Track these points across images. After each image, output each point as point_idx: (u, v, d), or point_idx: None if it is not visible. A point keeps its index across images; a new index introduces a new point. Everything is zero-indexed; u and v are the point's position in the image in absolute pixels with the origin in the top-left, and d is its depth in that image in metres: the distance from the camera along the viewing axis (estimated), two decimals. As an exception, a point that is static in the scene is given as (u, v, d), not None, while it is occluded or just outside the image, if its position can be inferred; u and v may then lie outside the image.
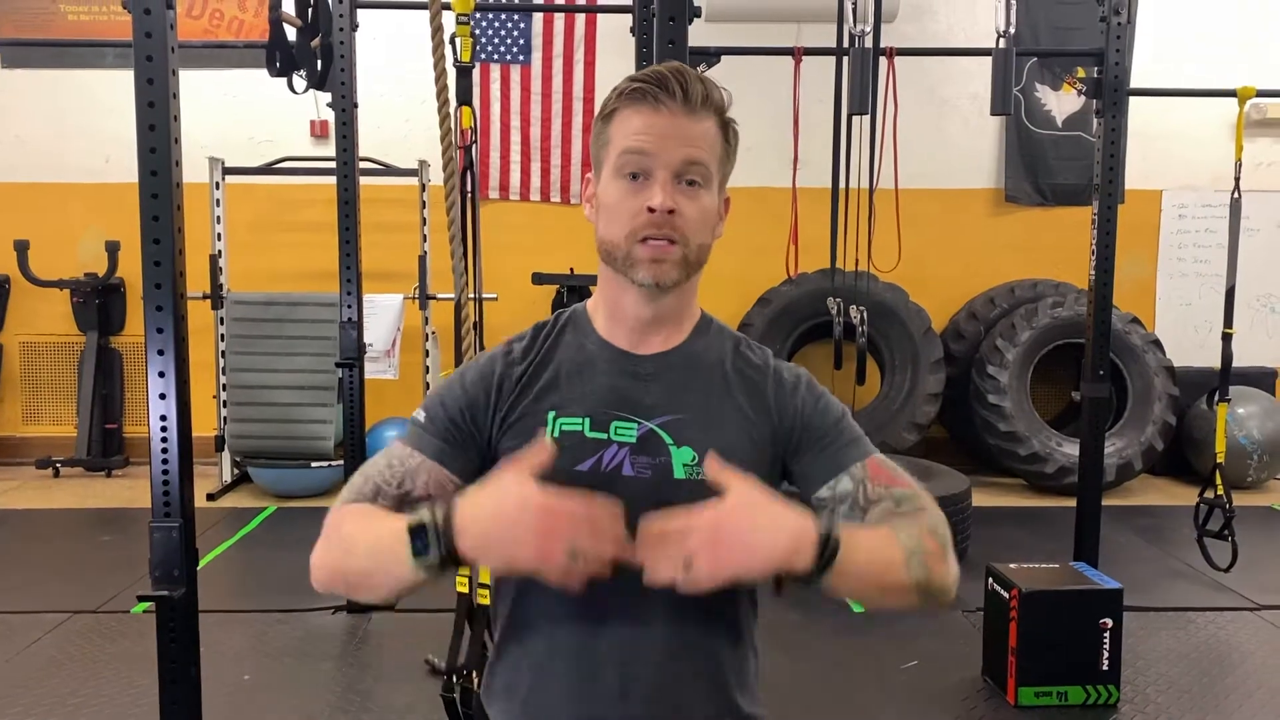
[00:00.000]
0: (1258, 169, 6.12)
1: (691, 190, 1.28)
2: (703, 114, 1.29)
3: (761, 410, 1.35)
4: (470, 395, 1.35)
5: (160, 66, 2.09)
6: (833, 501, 1.32)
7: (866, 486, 1.31)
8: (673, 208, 1.26)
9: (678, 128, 1.27)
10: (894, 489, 1.32)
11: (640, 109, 1.28)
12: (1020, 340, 5.65)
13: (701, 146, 1.29)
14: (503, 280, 5.17)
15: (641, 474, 1.30)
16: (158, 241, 2.11)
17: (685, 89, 1.27)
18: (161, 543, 2.14)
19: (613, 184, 1.30)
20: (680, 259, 1.29)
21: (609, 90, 1.33)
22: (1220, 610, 3.87)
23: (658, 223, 1.26)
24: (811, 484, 1.34)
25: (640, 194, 1.27)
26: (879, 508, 1.30)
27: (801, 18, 5.72)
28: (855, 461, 1.33)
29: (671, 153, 1.27)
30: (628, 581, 1.26)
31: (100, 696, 3.08)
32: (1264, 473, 5.74)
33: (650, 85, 1.27)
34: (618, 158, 1.28)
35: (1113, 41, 3.70)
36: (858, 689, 3.12)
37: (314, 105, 5.86)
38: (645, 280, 1.29)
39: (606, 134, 1.31)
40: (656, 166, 1.27)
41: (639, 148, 1.27)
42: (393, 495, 1.29)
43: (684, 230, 1.28)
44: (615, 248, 1.30)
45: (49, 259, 5.94)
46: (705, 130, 1.29)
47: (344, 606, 3.75)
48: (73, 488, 5.70)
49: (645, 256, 1.28)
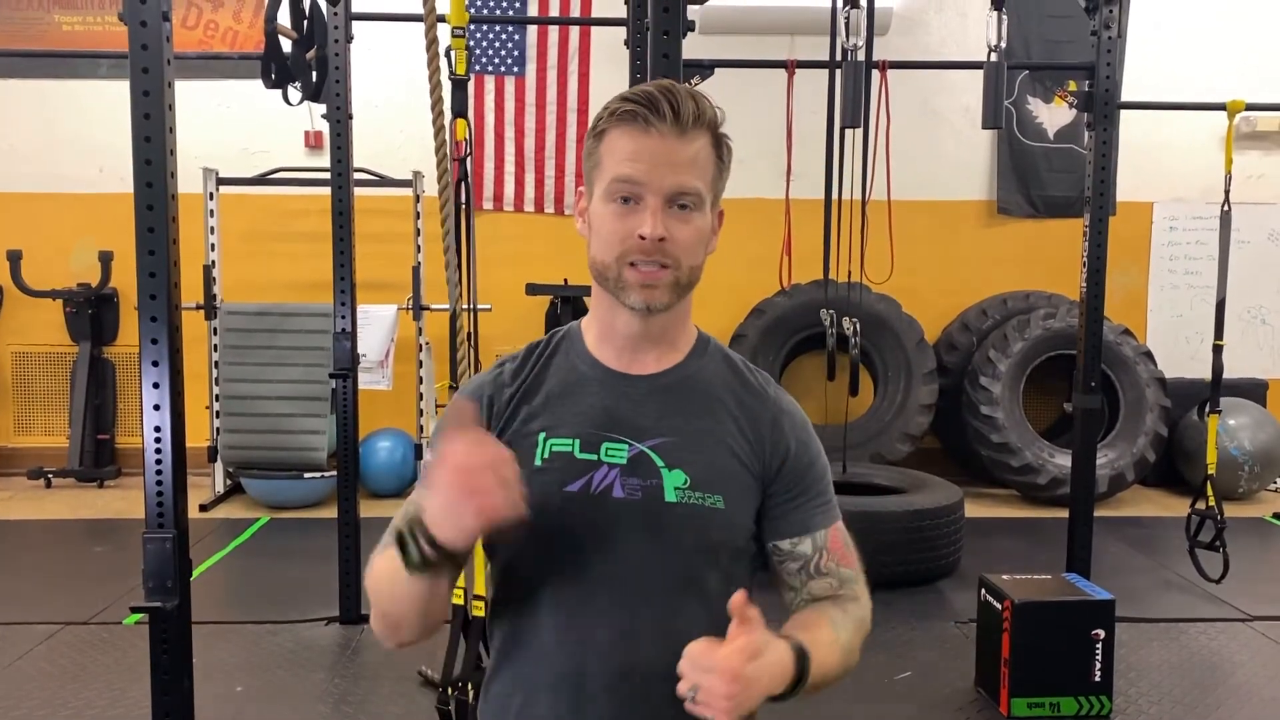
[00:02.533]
0: (1247, 181, 6.15)
1: (683, 214, 1.27)
2: (694, 133, 1.27)
3: (756, 439, 1.35)
4: (469, 422, 1.32)
5: (156, 78, 2.09)
6: (787, 557, 1.37)
7: (823, 556, 1.36)
8: (664, 235, 1.25)
9: (668, 152, 1.25)
10: (842, 569, 1.38)
11: (630, 131, 1.26)
12: (1012, 351, 5.67)
13: (693, 171, 1.27)
14: (497, 291, 5.16)
15: (632, 496, 1.29)
16: (153, 252, 2.11)
17: (676, 109, 1.25)
18: (155, 553, 2.14)
19: (603, 207, 1.28)
20: (672, 283, 1.28)
21: (603, 102, 1.33)
22: (1212, 621, 3.88)
23: (648, 250, 1.25)
24: (775, 532, 1.37)
25: (631, 218, 1.26)
26: (824, 582, 1.36)
27: (795, 31, 5.75)
28: (821, 528, 1.37)
29: (662, 179, 1.25)
30: (619, 608, 1.27)
31: (92, 708, 3.07)
32: (1255, 484, 5.76)
33: (640, 106, 1.25)
34: (609, 184, 1.27)
35: (1104, 55, 3.73)
36: (851, 700, 3.12)
37: (308, 116, 5.86)
38: (636, 304, 1.28)
39: (597, 154, 1.30)
40: (647, 193, 1.25)
41: (629, 176, 1.25)
42: None
43: (676, 255, 1.27)
44: (606, 269, 1.29)
45: (42, 269, 5.94)
46: (697, 151, 1.28)
47: (336, 618, 3.74)
48: (65, 498, 5.68)
49: (636, 281, 1.27)
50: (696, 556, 1.32)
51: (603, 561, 1.30)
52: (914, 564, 4.13)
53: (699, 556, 1.32)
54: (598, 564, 1.30)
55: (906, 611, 3.89)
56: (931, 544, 4.18)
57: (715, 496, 1.31)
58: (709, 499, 1.31)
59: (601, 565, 1.30)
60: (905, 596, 4.03)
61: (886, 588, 4.04)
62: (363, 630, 3.68)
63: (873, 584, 1.42)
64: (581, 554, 1.30)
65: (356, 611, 3.73)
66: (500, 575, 1.37)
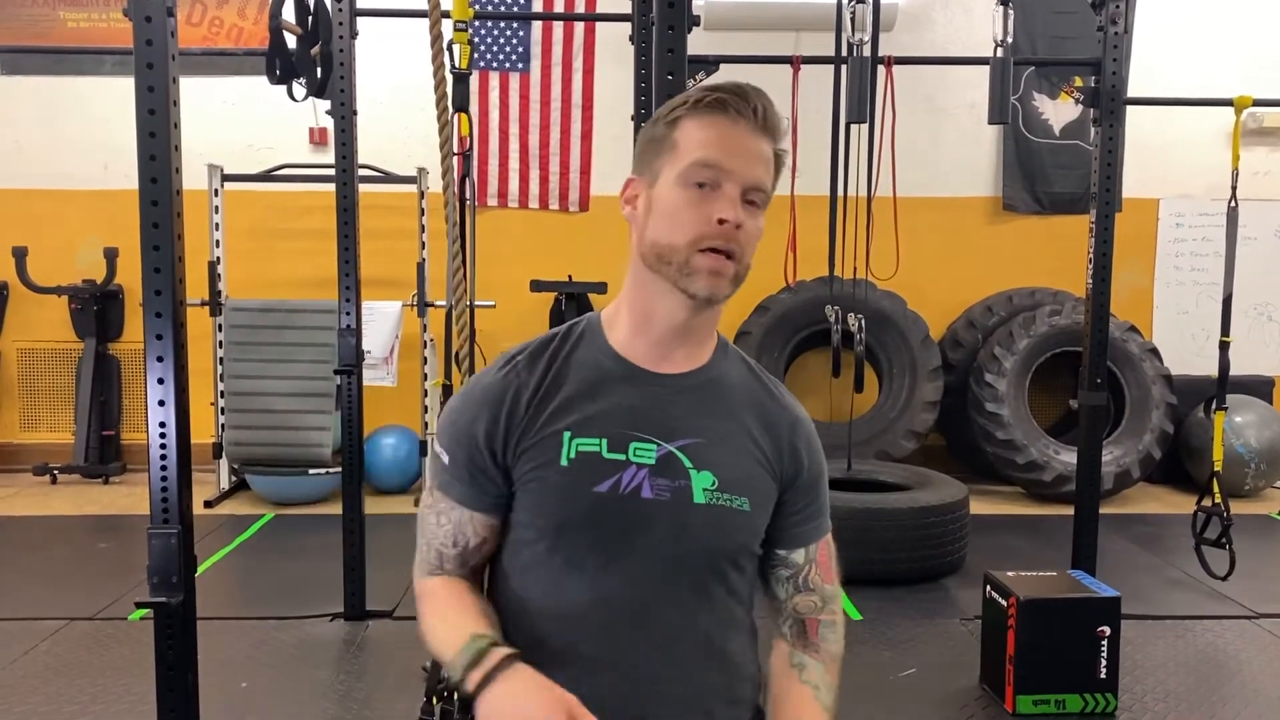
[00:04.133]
0: (1254, 178, 6.14)
1: (751, 210, 1.28)
2: (770, 137, 1.30)
3: (775, 445, 1.37)
4: (483, 425, 1.33)
5: (161, 74, 2.09)
6: (780, 563, 1.42)
7: (811, 570, 1.42)
8: (742, 222, 1.26)
9: (751, 146, 1.28)
10: (825, 586, 1.43)
11: (717, 120, 1.27)
12: (1018, 348, 5.66)
13: (767, 170, 1.30)
14: (501, 287, 5.17)
15: (661, 496, 1.29)
16: (158, 248, 2.11)
17: (763, 110, 1.28)
18: (160, 549, 2.14)
19: (677, 190, 1.27)
20: (734, 275, 1.28)
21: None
22: (1218, 618, 3.87)
23: (726, 235, 1.25)
24: (776, 540, 1.41)
25: (706, 204, 1.26)
26: (808, 600, 1.42)
27: (800, 26, 5.74)
28: (814, 541, 1.43)
29: (745, 170, 1.26)
30: (643, 609, 1.26)
31: (97, 704, 3.07)
32: (1261, 481, 5.74)
33: (732, 97, 1.27)
34: (689, 166, 1.27)
35: (1110, 51, 3.71)
36: (855, 697, 3.10)
37: (313, 113, 5.87)
38: (700, 291, 1.27)
39: (671, 138, 1.29)
40: (728, 181, 1.26)
41: (714, 160, 1.26)
42: (454, 556, 1.37)
43: (743, 247, 1.28)
44: (673, 253, 1.27)
45: (47, 265, 5.95)
46: (770, 154, 1.30)
47: (341, 614, 3.74)
48: (70, 494, 5.69)
49: (705, 267, 1.26)
50: (719, 558, 1.33)
51: (630, 561, 1.29)
52: (919, 561, 4.12)
53: (722, 558, 1.33)
54: (624, 563, 1.29)
55: (911, 608, 3.89)
56: (937, 541, 4.17)
57: (742, 499, 1.32)
58: (736, 501, 1.31)
59: (628, 565, 1.29)
60: (910, 593, 4.02)
61: (891, 584, 4.04)
62: (367, 626, 3.68)
63: (878, 581, 1.46)
64: (608, 553, 1.30)
65: (361, 608, 3.73)
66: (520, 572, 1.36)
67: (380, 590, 3.79)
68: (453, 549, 1.37)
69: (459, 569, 1.38)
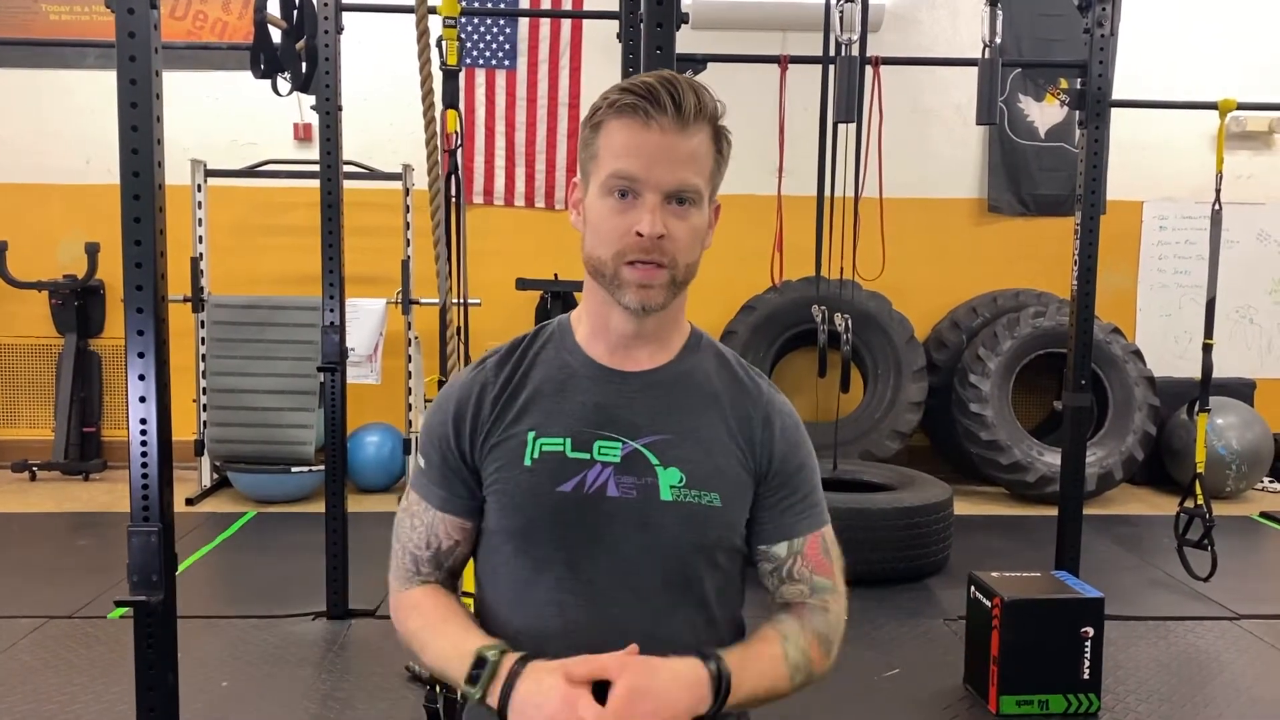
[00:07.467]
0: (1237, 181, 6.17)
1: (682, 209, 1.24)
2: (695, 126, 1.23)
3: (748, 438, 1.34)
4: (452, 426, 1.33)
5: (143, 67, 2.06)
6: (763, 557, 1.37)
7: (796, 562, 1.36)
8: (662, 233, 1.22)
9: (668, 147, 1.22)
10: (816, 577, 1.37)
11: (629, 124, 1.22)
12: (1002, 349, 5.68)
13: (692, 167, 1.24)
14: (487, 286, 5.16)
15: (627, 495, 1.27)
16: (139, 243, 2.09)
17: (677, 101, 1.22)
18: (140, 547, 2.11)
19: (600, 201, 1.25)
20: (668, 282, 1.26)
21: (596, 95, 1.29)
22: (1200, 619, 3.89)
23: (646, 248, 1.23)
24: (757, 534, 1.37)
25: (628, 214, 1.23)
26: (795, 588, 1.36)
27: (787, 26, 5.74)
28: (801, 534, 1.36)
29: (661, 176, 1.22)
30: (614, 609, 1.25)
31: (76, 703, 3.04)
32: (1243, 483, 5.78)
33: (640, 98, 1.21)
34: (606, 178, 1.24)
35: (1095, 53, 3.73)
36: (839, 697, 3.11)
37: (297, 108, 5.84)
38: (631, 304, 1.26)
39: (594, 145, 1.26)
40: (646, 190, 1.22)
41: (627, 172, 1.22)
42: (428, 559, 1.37)
43: (673, 253, 1.24)
44: (603, 265, 1.26)
45: (28, 260, 5.89)
46: (697, 145, 1.24)
47: (323, 613, 3.72)
48: (49, 491, 5.64)
49: (633, 280, 1.24)
50: (693, 556, 1.31)
51: (597, 562, 1.28)
52: (903, 561, 4.13)
53: (695, 555, 1.31)
54: (592, 564, 1.28)
55: (895, 608, 3.89)
56: (921, 541, 4.18)
57: (712, 495, 1.30)
58: (705, 497, 1.29)
59: (595, 565, 1.28)
60: (894, 593, 4.03)
61: (875, 584, 4.04)
62: (349, 626, 3.66)
63: (862, 581, 1.42)
64: (575, 554, 1.28)
65: (343, 607, 3.71)
66: (491, 576, 1.36)
67: (363, 589, 3.77)
68: (425, 550, 1.36)
69: (434, 572, 1.38)
